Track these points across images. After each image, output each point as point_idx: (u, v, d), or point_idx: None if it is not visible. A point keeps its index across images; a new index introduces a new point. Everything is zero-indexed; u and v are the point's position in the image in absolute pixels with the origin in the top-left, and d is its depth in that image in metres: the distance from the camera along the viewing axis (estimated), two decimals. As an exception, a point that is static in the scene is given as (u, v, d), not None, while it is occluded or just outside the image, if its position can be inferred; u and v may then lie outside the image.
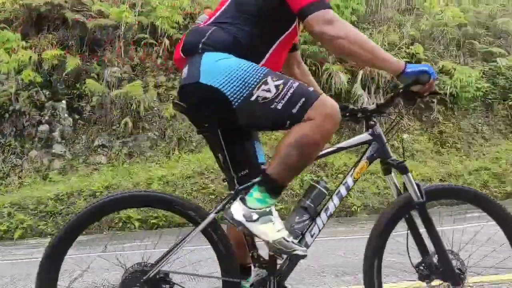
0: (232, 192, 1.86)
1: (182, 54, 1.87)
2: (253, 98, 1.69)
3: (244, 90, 1.69)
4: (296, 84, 1.73)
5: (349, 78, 9.80)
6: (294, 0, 1.72)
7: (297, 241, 1.79)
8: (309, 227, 1.89)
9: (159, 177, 8.41)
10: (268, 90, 1.69)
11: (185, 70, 1.82)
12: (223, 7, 1.85)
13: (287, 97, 1.68)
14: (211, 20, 1.86)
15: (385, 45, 10.16)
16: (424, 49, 12.36)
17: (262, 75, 1.71)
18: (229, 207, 1.76)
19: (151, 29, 10.85)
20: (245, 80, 1.69)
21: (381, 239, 1.98)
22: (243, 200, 1.73)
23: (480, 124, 12.96)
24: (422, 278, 2.02)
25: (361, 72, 9.78)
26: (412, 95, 1.88)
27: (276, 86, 1.69)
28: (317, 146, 1.73)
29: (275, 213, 1.76)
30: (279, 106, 1.69)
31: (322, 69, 9.50)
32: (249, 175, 1.85)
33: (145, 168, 9.06)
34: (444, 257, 1.96)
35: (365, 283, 1.98)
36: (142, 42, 10.74)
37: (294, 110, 1.69)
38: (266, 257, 1.88)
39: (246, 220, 1.69)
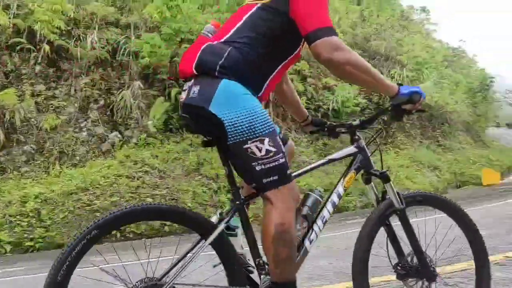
0: (238, 202, 1.90)
1: (194, 71, 1.83)
2: (245, 146, 1.75)
3: (244, 135, 1.74)
4: (282, 160, 1.80)
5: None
6: (304, 23, 1.76)
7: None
8: (307, 233, 2.00)
9: (35, 194, 7.67)
10: (260, 150, 1.75)
11: (195, 89, 1.81)
12: (237, 26, 1.85)
13: (268, 166, 1.76)
14: (225, 37, 1.85)
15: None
16: (309, 66, 13.19)
17: (264, 132, 1.77)
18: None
19: (28, 34, 9.95)
20: (250, 128, 1.74)
21: (368, 241, 2.12)
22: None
23: (358, 137, 14.15)
24: (400, 277, 2.19)
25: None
26: (402, 112, 2.07)
27: (267, 151, 1.76)
28: (293, 226, 1.84)
29: None
30: (258, 168, 1.76)
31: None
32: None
33: (20, 184, 8.20)
34: (421, 256, 2.16)
35: (355, 282, 2.08)
36: (18, 47, 9.79)
37: (265, 180, 1.77)
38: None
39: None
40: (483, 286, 2.32)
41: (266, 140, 1.76)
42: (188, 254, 1.85)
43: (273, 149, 1.77)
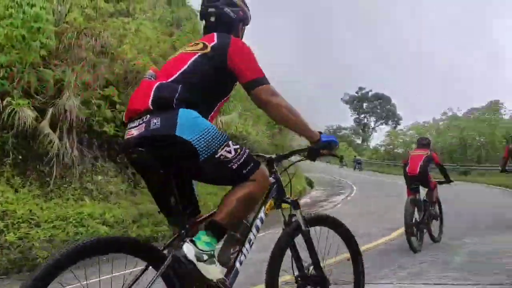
0: (182, 230, 2.07)
1: (151, 106, 2.00)
2: (217, 155, 1.99)
3: (212, 147, 1.98)
4: (246, 150, 2.11)
5: (37, 116, 9.02)
6: (243, 73, 2.15)
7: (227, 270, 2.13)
8: (237, 256, 2.18)
9: None
10: (229, 152, 2.02)
11: (155, 121, 1.96)
12: (183, 69, 2.12)
13: (242, 160, 2.04)
14: (173, 78, 2.09)
15: (78, 85, 9.91)
16: (119, 92, 12.77)
17: (226, 138, 2.06)
18: (181, 247, 1.93)
19: None
20: (215, 140, 1.99)
21: (280, 259, 2.38)
22: (193, 242, 1.95)
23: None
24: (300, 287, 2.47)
25: (51, 110, 9.17)
26: (317, 154, 2.43)
27: (235, 150, 2.04)
28: (258, 200, 2.22)
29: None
30: (234, 166, 2.03)
31: (2, 103, 8.37)
32: (193, 212, 2.22)
33: None
34: (319, 268, 2.52)
35: None
36: None
37: (245, 171, 2.05)
38: None
39: (197, 260, 1.90)
40: (360, 277, 2.92)
41: (230, 143, 2.06)
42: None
43: (238, 147, 2.07)
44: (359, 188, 24.71)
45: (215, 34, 2.27)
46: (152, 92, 2.03)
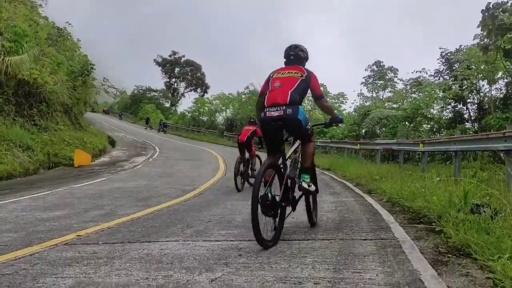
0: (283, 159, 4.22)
1: (288, 102, 4.00)
2: (308, 127, 4.22)
3: (306, 123, 4.15)
4: (310, 124, 4.33)
5: None
6: (316, 90, 4.33)
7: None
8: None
9: None
10: (308, 126, 4.25)
11: (289, 110, 3.98)
12: (296, 85, 4.13)
13: (310, 130, 4.28)
14: (292, 90, 4.08)
15: None
16: None
17: (308, 120, 4.27)
18: (300, 184, 4.19)
19: None
20: (306, 120, 4.16)
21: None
22: (303, 179, 4.22)
23: None
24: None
25: None
26: (330, 125, 4.93)
27: (310, 125, 4.31)
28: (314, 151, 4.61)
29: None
30: (309, 132, 4.25)
31: None
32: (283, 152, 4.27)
33: None
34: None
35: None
36: None
37: (311, 135, 4.33)
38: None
39: (308, 186, 4.22)
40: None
41: (309, 125, 4.27)
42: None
43: (310, 125, 4.30)
44: (161, 150, 24.88)
45: (302, 67, 4.38)
46: (289, 96, 4.04)
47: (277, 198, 3.85)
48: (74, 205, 7.32)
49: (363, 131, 25.27)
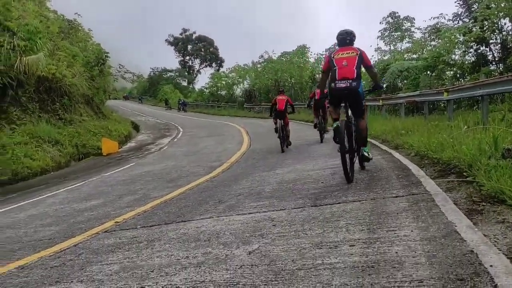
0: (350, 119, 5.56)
1: (354, 76, 5.28)
2: (363, 100, 5.60)
3: (363, 96, 5.50)
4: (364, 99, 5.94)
5: None
6: (367, 62, 5.60)
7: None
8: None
9: None
10: (364, 100, 5.72)
11: (354, 84, 5.26)
12: (356, 63, 5.35)
13: (363, 103, 5.64)
14: (355, 66, 5.32)
15: None
16: None
17: (364, 95, 5.70)
18: (362, 154, 5.65)
19: None
20: (364, 96, 5.57)
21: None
22: (364, 151, 5.65)
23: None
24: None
25: None
26: (373, 91, 6.37)
27: (364, 100, 5.82)
28: (367, 126, 6.01)
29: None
30: (363, 104, 5.61)
31: None
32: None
33: None
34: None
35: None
36: None
37: (363, 109, 5.77)
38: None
39: (368, 155, 5.69)
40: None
41: (364, 99, 5.66)
42: None
43: (364, 99, 5.70)
44: (184, 129, 25.13)
45: (355, 47, 5.53)
46: (355, 72, 5.27)
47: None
48: (108, 193, 7.56)
49: (384, 85, 24.77)
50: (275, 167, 7.77)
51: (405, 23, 34.76)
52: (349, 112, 5.52)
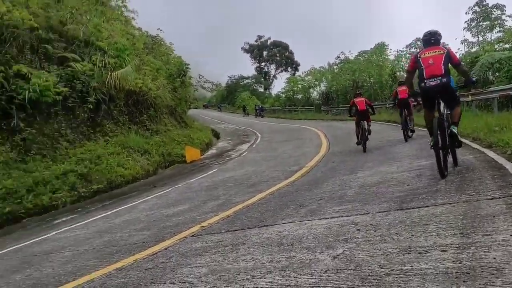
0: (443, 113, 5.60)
1: (443, 73, 5.39)
2: (455, 93, 5.82)
3: (455, 91, 5.89)
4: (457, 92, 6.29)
5: None
6: (455, 60, 5.63)
7: None
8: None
9: None
10: (457, 92, 6.09)
11: (444, 80, 5.38)
12: (443, 60, 5.44)
13: (457, 96, 5.86)
14: (442, 63, 5.43)
15: None
16: (-6, 52, 11.37)
17: (457, 90, 6.23)
18: (451, 130, 5.39)
19: None
20: (456, 89, 6.03)
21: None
22: (453, 128, 5.40)
23: (63, 128, 13.32)
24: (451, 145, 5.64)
25: None
26: (465, 86, 6.87)
27: (458, 95, 6.19)
28: (461, 112, 5.90)
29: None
30: (457, 97, 5.80)
31: None
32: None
33: None
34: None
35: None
36: None
37: (458, 100, 5.86)
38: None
39: (456, 133, 5.39)
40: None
41: (457, 91, 6.16)
42: None
43: (457, 92, 6.30)
44: (262, 135, 25.46)
45: (441, 46, 5.70)
46: (442, 69, 5.40)
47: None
48: (193, 198, 7.89)
49: (474, 79, 23.06)
50: (356, 170, 7.58)
51: (494, 11, 32.23)
52: (441, 108, 5.59)
